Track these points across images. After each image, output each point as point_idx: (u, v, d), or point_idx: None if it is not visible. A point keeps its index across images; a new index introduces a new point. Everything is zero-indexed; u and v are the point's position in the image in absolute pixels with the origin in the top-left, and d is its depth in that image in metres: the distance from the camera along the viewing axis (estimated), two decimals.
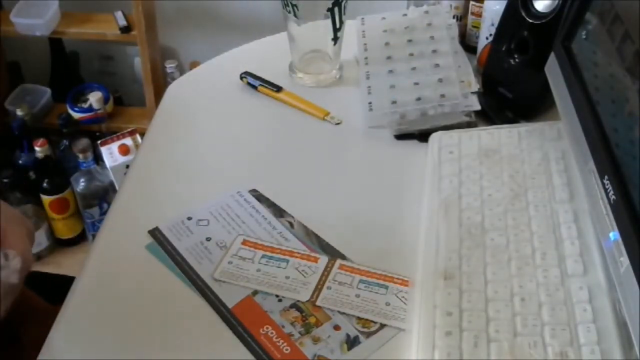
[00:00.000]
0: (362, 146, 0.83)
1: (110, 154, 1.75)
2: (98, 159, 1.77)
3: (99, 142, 1.72)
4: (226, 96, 0.92)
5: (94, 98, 1.84)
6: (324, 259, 0.68)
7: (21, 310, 0.83)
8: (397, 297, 0.64)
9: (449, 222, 0.69)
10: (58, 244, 1.85)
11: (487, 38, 0.93)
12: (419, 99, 0.83)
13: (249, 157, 0.82)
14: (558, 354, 0.56)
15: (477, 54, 0.96)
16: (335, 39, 0.90)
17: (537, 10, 0.80)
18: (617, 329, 0.57)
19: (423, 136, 0.82)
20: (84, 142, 1.70)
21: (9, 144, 1.84)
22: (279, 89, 0.90)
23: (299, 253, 0.69)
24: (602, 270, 0.61)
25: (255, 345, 0.60)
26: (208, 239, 0.71)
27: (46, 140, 1.71)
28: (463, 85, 0.84)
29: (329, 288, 0.65)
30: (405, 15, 0.94)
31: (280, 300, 0.64)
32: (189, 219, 0.73)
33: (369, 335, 0.62)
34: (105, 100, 1.88)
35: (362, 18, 0.96)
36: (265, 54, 1.00)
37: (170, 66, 1.89)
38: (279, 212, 0.74)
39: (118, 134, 1.70)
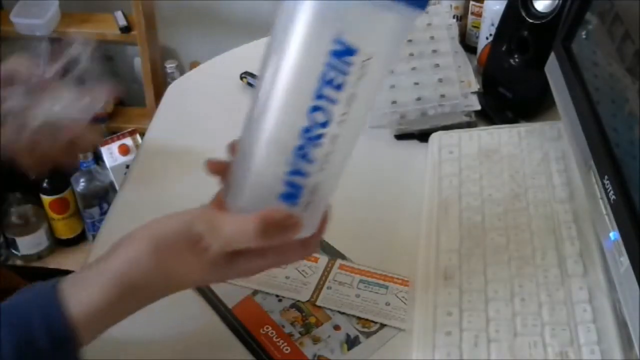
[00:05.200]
0: (362, 146, 0.83)
1: (110, 154, 1.75)
2: (98, 159, 1.77)
3: None
4: (226, 96, 0.92)
5: None
6: (324, 259, 0.68)
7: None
8: (397, 297, 0.64)
9: (449, 222, 0.69)
10: (58, 244, 1.85)
11: (487, 38, 0.93)
12: (419, 99, 0.83)
13: None
14: (558, 354, 0.56)
15: (477, 54, 0.96)
16: None
17: (537, 10, 0.80)
18: (617, 329, 0.57)
19: (423, 136, 0.82)
20: None
21: None
22: None
23: None
24: (602, 270, 0.61)
25: (255, 345, 0.60)
26: None
27: None
28: (463, 85, 0.84)
29: (329, 288, 0.65)
30: None
31: (280, 300, 0.64)
32: None
33: (369, 335, 0.62)
34: None
35: None
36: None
37: (170, 66, 1.89)
38: None
39: (118, 134, 1.70)
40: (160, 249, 0.50)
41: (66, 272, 0.93)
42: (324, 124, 0.47)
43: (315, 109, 0.46)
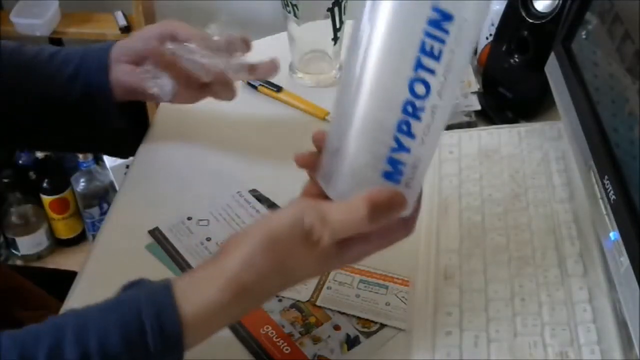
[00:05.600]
0: None
1: None
2: (98, 159, 1.77)
3: None
4: None
5: None
6: None
7: (18, 295, 0.84)
8: (397, 297, 0.64)
9: (449, 222, 0.69)
10: (58, 244, 1.85)
11: (487, 38, 0.93)
12: None
13: (249, 157, 0.82)
14: (558, 354, 0.56)
15: (477, 54, 0.96)
16: (335, 39, 0.90)
17: (537, 10, 0.80)
18: (617, 329, 0.57)
19: None
20: None
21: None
22: (279, 89, 0.90)
23: None
24: (602, 270, 0.61)
25: (255, 345, 0.60)
26: (208, 239, 0.71)
27: None
28: (463, 85, 0.84)
29: (329, 288, 0.65)
30: None
31: (280, 300, 0.64)
32: (189, 219, 0.73)
33: (369, 335, 0.61)
34: None
35: None
36: (265, 54, 1.00)
37: None
38: None
39: None
40: (275, 246, 0.50)
41: (66, 272, 0.94)
42: (424, 96, 0.47)
43: (416, 80, 0.46)
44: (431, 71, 0.46)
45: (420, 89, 0.46)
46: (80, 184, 1.77)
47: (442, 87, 0.47)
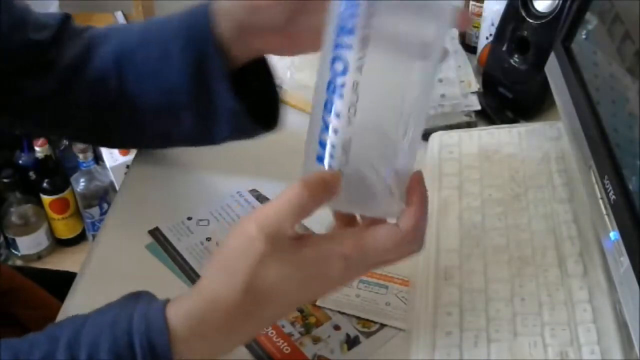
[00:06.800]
0: None
1: (110, 153, 1.75)
2: (98, 159, 1.77)
3: None
4: None
5: None
6: None
7: (19, 295, 0.84)
8: (397, 297, 0.64)
9: (449, 222, 0.69)
10: (58, 244, 1.85)
11: (487, 38, 0.93)
12: None
13: (249, 157, 0.82)
14: (558, 354, 0.56)
15: (477, 54, 0.96)
16: None
17: (537, 10, 0.80)
18: (617, 329, 0.57)
19: (423, 136, 0.81)
20: None
21: (9, 144, 1.84)
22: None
23: None
24: (602, 270, 0.61)
25: (255, 345, 0.60)
26: (208, 239, 0.71)
27: (46, 140, 1.71)
28: (463, 85, 0.84)
29: None
30: None
31: None
32: (189, 219, 0.73)
33: (369, 335, 0.62)
34: None
35: None
36: None
37: None
38: None
39: None
40: (229, 264, 0.48)
41: (66, 273, 0.94)
42: (343, 72, 0.47)
43: (335, 59, 0.48)
44: (348, 46, 0.47)
45: (338, 66, 0.48)
46: (80, 184, 1.77)
47: (361, 61, 0.47)
